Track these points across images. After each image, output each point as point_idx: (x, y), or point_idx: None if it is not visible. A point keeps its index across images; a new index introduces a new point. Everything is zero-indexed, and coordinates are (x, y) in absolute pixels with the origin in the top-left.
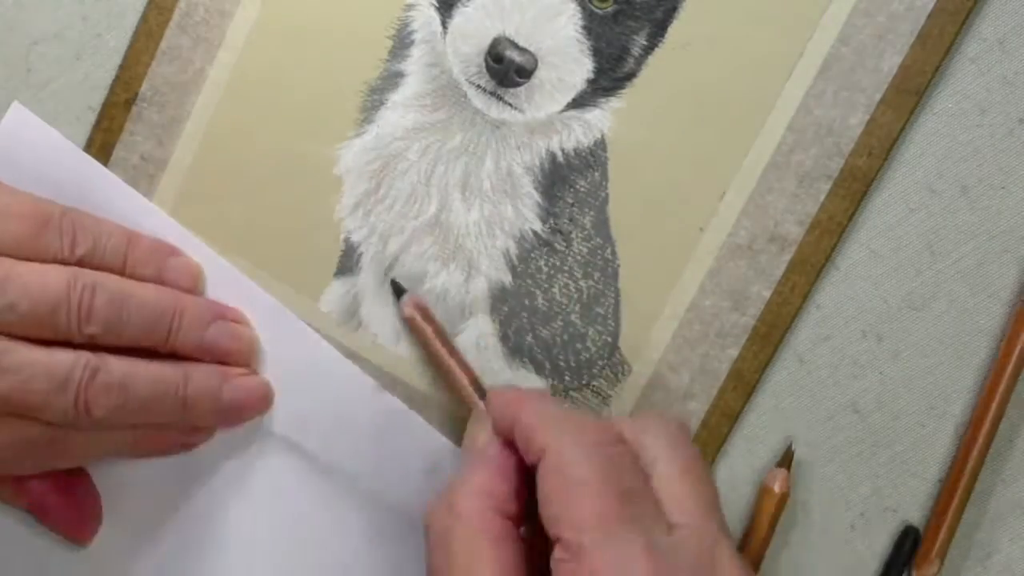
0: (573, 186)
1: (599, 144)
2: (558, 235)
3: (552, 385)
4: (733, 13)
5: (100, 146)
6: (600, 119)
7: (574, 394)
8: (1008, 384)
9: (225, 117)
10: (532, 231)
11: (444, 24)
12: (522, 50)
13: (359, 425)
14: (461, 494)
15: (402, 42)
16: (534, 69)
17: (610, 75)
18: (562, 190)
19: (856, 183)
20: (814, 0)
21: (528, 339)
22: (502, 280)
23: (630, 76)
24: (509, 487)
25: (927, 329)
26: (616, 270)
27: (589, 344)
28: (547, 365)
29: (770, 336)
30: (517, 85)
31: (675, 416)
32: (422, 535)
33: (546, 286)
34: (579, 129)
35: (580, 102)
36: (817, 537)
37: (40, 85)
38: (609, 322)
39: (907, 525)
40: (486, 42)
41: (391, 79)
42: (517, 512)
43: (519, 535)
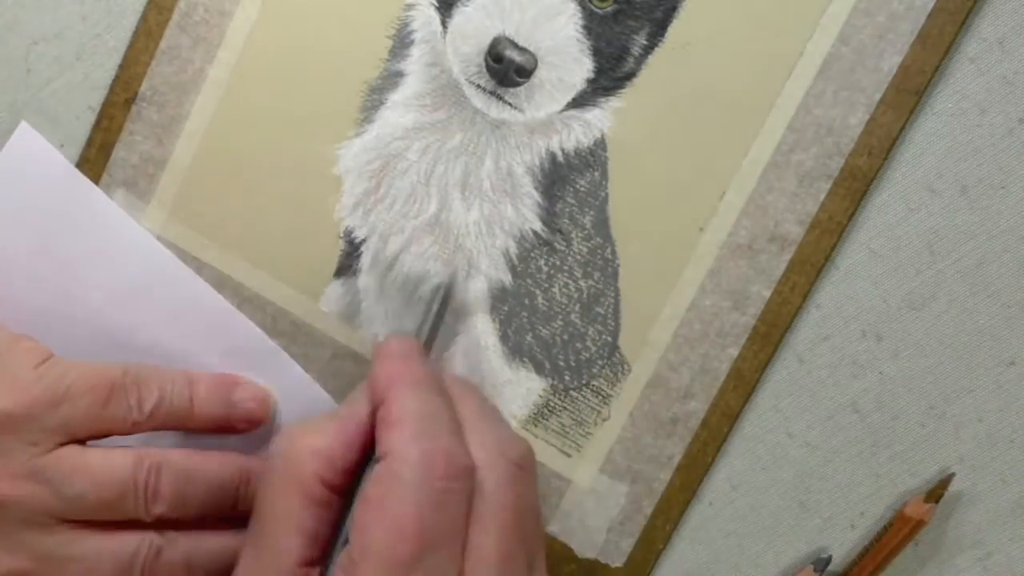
0: (573, 186)
1: (599, 144)
2: (558, 235)
3: (552, 384)
4: (733, 13)
5: (100, 146)
6: (600, 119)
7: (574, 393)
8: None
9: (225, 117)
10: (532, 231)
11: (444, 24)
12: (522, 50)
13: None
14: (302, 448)
15: (402, 42)
16: (534, 69)
17: (610, 75)
18: (562, 190)
19: (856, 183)
20: (814, 0)
21: (528, 339)
22: (502, 280)
23: (630, 76)
24: (348, 460)
25: (927, 329)
26: (616, 270)
27: (589, 344)
28: (547, 365)
29: (770, 335)
30: (517, 85)
31: (524, 446)
32: None
33: (546, 286)
34: (579, 129)
35: (580, 102)
36: (816, 537)
37: (40, 85)
38: (609, 322)
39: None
40: (486, 42)
41: (391, 79)
42: (343, 485)
43: (336, 504)
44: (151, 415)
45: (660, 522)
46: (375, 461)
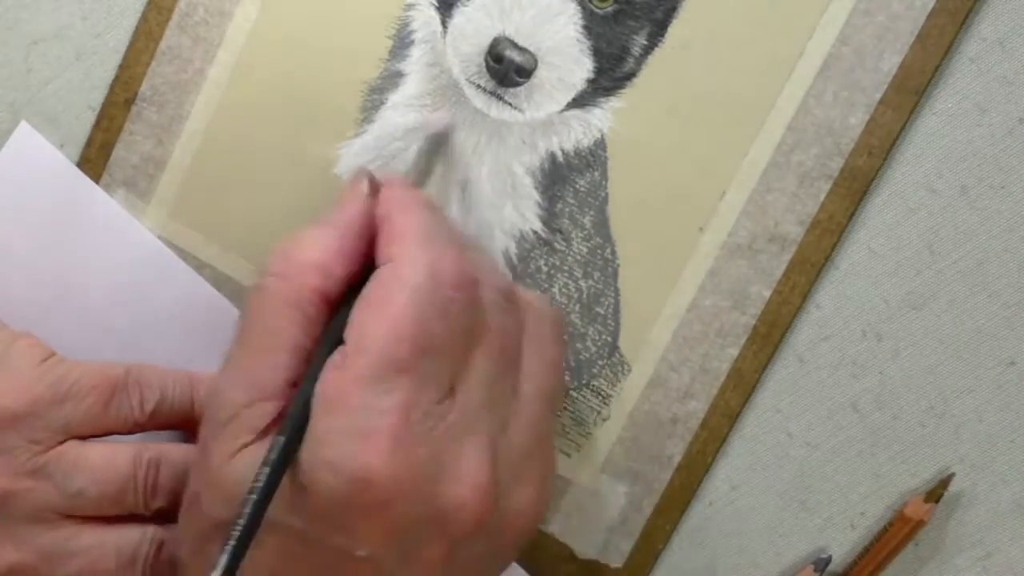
0: (573, 186)
1: (599, 144)
2: (558, 235)
3: None
4: (733, 13)
5: (100, 146)
6: (600, 119)
7: (574, 393)
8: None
9: (225, 117)
10: (532, 231)
11: (444, 24)
12: (522, 50)
13: None
14: (301, 263)
15: (402, 42)
16: (534, 69)
17: (610, 75)
18: (562, 190)
19: (856, 183)
20: (814, 0)
21: None
22: None
23: (630, 76)
24: (345, 270)
25: (927, 329)
26: (616, 270)
27: (589, 344)
28: None
29: (770, 336)
30: (517, 85)
31: (557, 311)
32: None
33: (545, 286)
34: (579, 129)
35: (580, 102)
36: (816, 537)
37: (40, 85)
38: (609, 322)
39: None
40: (486, 42)
41: (391, 79)
42: (338, 297)
43: (327, 318)
44: (152, 415)
45: (660, 522)
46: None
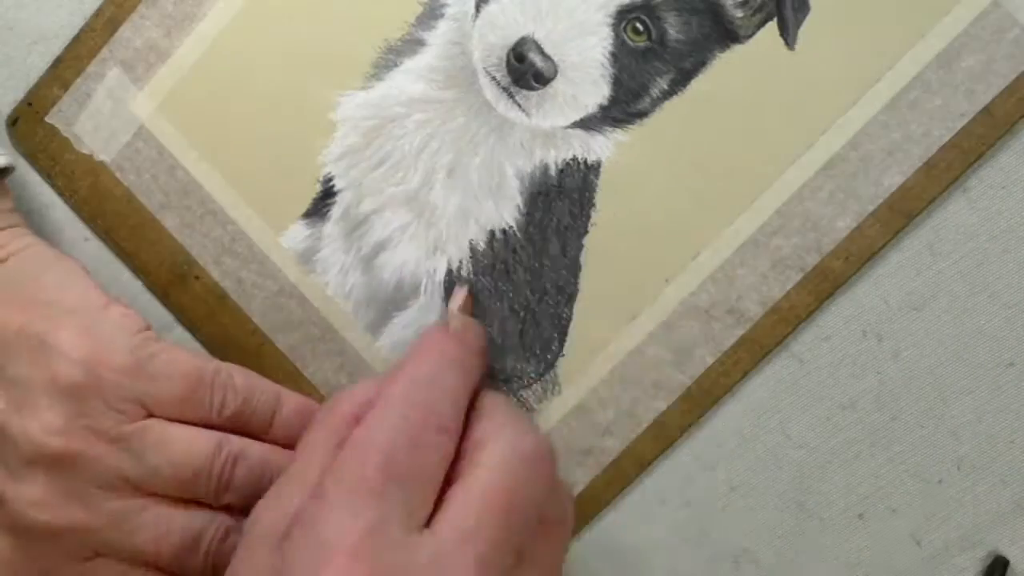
0: (557, 202)
1: (594, 170)
2: (530, 245)
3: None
4: (759, 85)
5: (108, 19)
6: (602, 146)
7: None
8: None
9: (239, 29)
10: (505, 232)
11: (478, 8)
12: (546, 56)
13: None
14: (341, 396)
15: (432, 12)
16: (552, 78)
17: (624, 107)
18: (545, 203)
19: (825, 283)
20: (839, 96)
21: None
22: (463, 270)
23: (642, 114)
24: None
25: (927, 329)
26: (575, 294)
27: (528, 356)
28: None
29: (701, 401)
30: (532, 89)
31: (538, 440)
32: None
33: (504, 288)
34: (579, 149)
35: (587, 124)
36: (816, 537)
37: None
38: (554, 342)
39: (996, 556)
40: (513, 38)
41: (411, 44)
42: None
43: None
44: (231, 419)
45: None
46: None
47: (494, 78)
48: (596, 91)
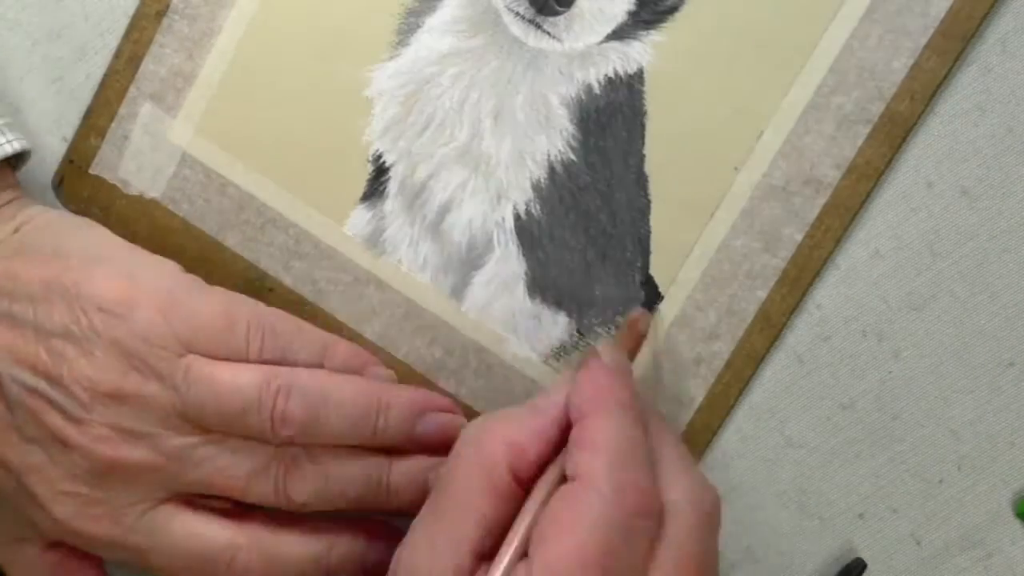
0: (608, 119)
1: (637, 78)
2: (591, 169)
3: (576, 320)
4: None
5: (128, 58)
6: (640, 52)
7: (599, 330)
8: None
9: (257, 33)
10: (564, 163)
11: None
12: None
13: None
14: (495, 436)
15: None
16: None
17: (652, 8)
18: (596, 123)
19: (896, 128)
20: None
21: (553, 273)
22: (531, 212)
23: (672, 9)
24: (539, 455)
25: (927, 329)
26: (648, 206)
27: (615, 280)
28: (571, 300)
29: (800, 280)
30: (557, 14)
31: (714, 495)
32: None
33: (576, 220)
34: (618, 61)
35: (620, 34)
36: (816, 537)
37: (41, 85)
38: (638, 260)
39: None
40: None
41: (428, 2)
42: (529, 480)
43: (519, 499)
44: (270, 364)
45: None
46: (561, 477)
47: (518, 13)
48: None
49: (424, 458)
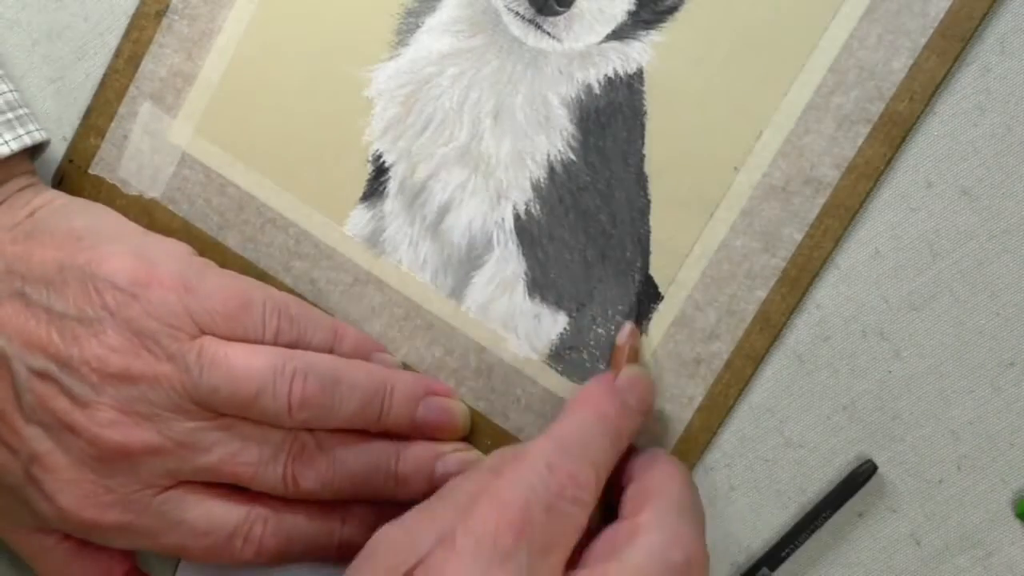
0: (608, 119)
1: (637, 78)
2: (591, 169)
3: (575, 319)
4: None
5: (128, 57)
6: (640, 52)
7: (599, 330)
8: None
9: (257, 34)
10: (564, 163)
11: None
12: None
13: None
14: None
15: None
16: None
17: (652, 8)
18: (597, 123)
19: (896, 128)
20: None
21: (552, 273)
22: (531, 211)
23: (672, 9)
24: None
25: (928, 329)
26: (647, 206)
27: (615, 280)
28: (571, 299)
29: (799, 280)
30: (557, 14)
31: (691, 551)
32: None
33: (575, 219)
34: (618, 61)
35: (620, 34)
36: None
37: (41, 85)
38: (638, 260)
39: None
40: None
41: (428, 2)
42: None
43: None
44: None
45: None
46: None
47: (517, 13)
48: None
49: (432, 445)
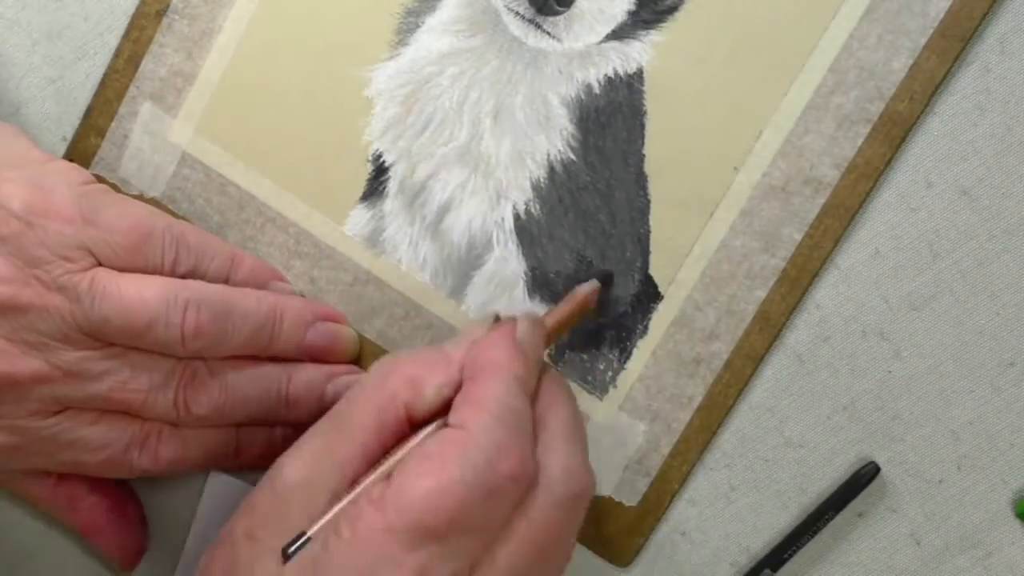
0: (608, 119)
1: (637, 78)
2: (591, 169)
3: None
4: None
5: (128, 57)
6: (640, 52)
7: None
8: None
9: (257, 33)
10: (563, 162)
11: None
12: None
13: None
14: (398, 371)
15: None
16: None
17: (652, 7)
18: (596, 123)
19: (896, 128)
20: None
21: (552, 273)
22: (531, 211)
23: (672, 9)
24: (437, 395)
25: (928, 329)
26: (647, 206)
27: (616, 280)
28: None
29: (799, 280)
30: (557, 14)
31: (587, 480)
32: None
33: (575, 219)
34: (618, 61)
35: (620, 34)
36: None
37: (40, 85)
38: (637, 260)
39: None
40: None
41: (428, 1)
42: (423, 421)
43: (406, 434)
44: (183, 278)
45: (677, 463)
46: (444, 424)
47: (517, 13)
48: None
49: (321, 367)
